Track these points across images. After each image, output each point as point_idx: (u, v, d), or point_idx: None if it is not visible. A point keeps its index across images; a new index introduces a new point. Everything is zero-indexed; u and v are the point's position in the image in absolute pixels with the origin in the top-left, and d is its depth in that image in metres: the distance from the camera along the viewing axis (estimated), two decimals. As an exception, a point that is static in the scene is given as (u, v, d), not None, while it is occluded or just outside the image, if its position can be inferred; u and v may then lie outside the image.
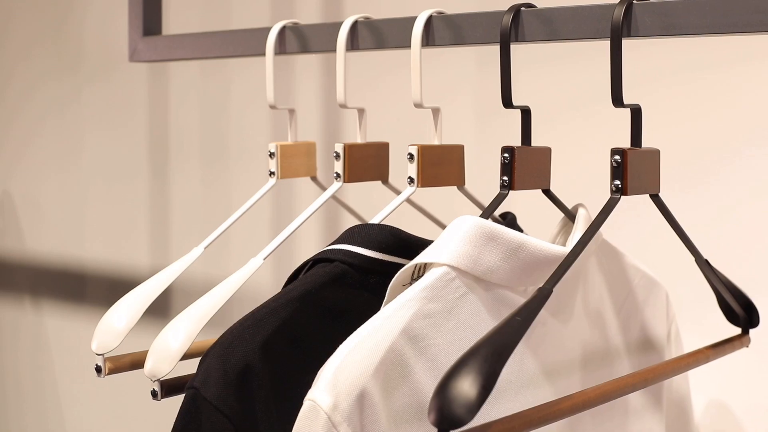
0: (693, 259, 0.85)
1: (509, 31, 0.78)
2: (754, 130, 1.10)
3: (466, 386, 0.58)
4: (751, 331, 0.95)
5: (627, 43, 0.76)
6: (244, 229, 1.38)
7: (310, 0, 1.45)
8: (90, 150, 1.78)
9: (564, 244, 0.86)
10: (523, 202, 0.93)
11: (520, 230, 0.93)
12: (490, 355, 0.60)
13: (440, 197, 0.95)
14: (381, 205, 0.84)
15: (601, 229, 0.86)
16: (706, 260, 0.86)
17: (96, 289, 1.78)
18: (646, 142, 0.80)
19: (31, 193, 1.89)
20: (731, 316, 0.94)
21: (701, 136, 1.14)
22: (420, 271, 0.73)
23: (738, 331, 0.94)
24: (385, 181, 0.93)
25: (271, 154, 0.93)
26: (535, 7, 0.80)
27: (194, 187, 1.62)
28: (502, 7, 0.81)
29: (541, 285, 0.68)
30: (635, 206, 0.87)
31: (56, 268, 1.85)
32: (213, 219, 1.56)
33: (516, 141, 0.81)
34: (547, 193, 0.83)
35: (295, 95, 1.47)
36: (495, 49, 0.80)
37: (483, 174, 0.98)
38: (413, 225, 0.89)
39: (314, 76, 1.45)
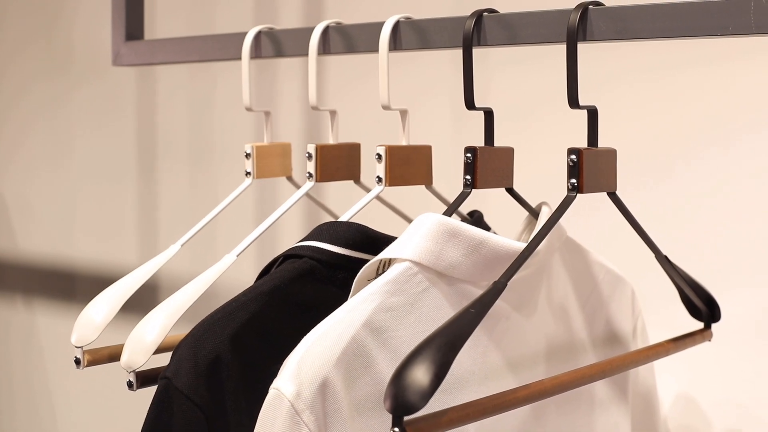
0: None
1: (471, 36, 0.81)
2: (708, 128, 1.13)
3: (420, 374, 0.61)
4: (720, 326, 0.97)
5: (590, 46, 0.78)
6: (230, 228, 1.41)
7: (292, 4, 1.47)
8: (80, 151, 1.80)
9: (528, 241, 0.89)
10: (494, 200, 0.96)
11: (488, 228, 0.95)
12: (444, 345, 0.63)
13: (414, 195, 0.98)
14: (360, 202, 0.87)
15: (565, 226, 0.89)
16: (666, 256, 0.88)
17: (86, 288, 1.81)
18: (611, 140, 0.82)
19: (23, 193, 1.91)
20: (694, 311, 0.96)
21: (657, 135, 1.16)
22: (385, 267, 0.76)
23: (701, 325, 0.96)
24: (357, 181, 0.96)
25: (247, 155, 0.96)
26: (497, 12, 0.83)
27: (181, 187, 1.65)
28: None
29: (503, 280, 0.71)
30: (601, 204, 0.90)
31: (47, 267, 1.87)
32: (199, 218, 1.58)
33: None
34: (511, 191, 0.86)
35: (278, 97, 1.50)
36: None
37: (459, 173, 1.00)
38: (389, 223, 0.91)
39: (296, 78, 1.48)
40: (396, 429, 0.61)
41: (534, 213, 0.89)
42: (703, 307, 0.95)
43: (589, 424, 0.92)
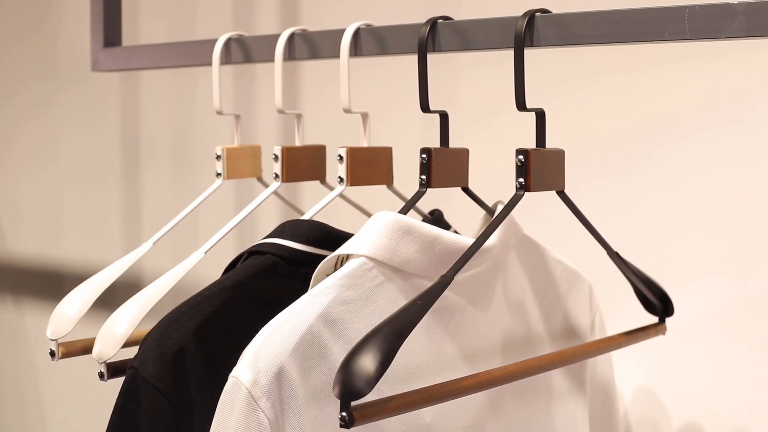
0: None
1: (426, 42, 0.84)
2: (657, 128, 1.15)
3: (366, 362, 0.64)
4: (681, 320, 0.99)
5: (546, 50, 0.82)
6: (212, 228, 1.44)
7: (268, 10, 1.51)
8: (66, 153, 1.83)
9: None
10: (460, 200, 1.00)
11: (447, 226, 0.98)
12: (390, 335, 0.67)
13: (381, 195, 1.01)
14: (335, 202, 0.91)
15: (521, 224, 0.93)
16: (617, 252, 0.91)
17: (74, 287, 1.84)
18: (563, 140, 0.85)
19: (12, 195, 1.95)
20: (648, 306, 0.99)
21: (609, 135, 1.19)
22: (342, 262, 0.79)
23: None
24: (323, 181, 0.99)
25: (218, 157, 0.99)
26: (451, 19, 0.86)
27: (164, 188, 1.68)
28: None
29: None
30: (557, 201, 0.93)
31: (35, 268, 1.90)
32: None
33: (459, 142, 0.87)
34: (466, 190, 0.89)
35: (256, 101, 1.53)
36: (442, 54, 0.86)
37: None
38: (356, 221, 0.95)
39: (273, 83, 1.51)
40: (343, 413, 0.65)
41: (490, 211, 0.92)
42: (657, 301, 0.98)
43: (547, 416, 0.95)
